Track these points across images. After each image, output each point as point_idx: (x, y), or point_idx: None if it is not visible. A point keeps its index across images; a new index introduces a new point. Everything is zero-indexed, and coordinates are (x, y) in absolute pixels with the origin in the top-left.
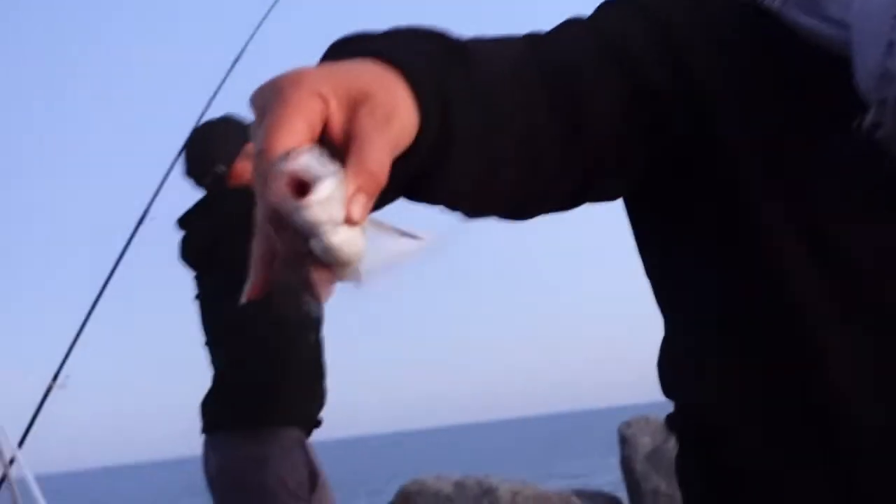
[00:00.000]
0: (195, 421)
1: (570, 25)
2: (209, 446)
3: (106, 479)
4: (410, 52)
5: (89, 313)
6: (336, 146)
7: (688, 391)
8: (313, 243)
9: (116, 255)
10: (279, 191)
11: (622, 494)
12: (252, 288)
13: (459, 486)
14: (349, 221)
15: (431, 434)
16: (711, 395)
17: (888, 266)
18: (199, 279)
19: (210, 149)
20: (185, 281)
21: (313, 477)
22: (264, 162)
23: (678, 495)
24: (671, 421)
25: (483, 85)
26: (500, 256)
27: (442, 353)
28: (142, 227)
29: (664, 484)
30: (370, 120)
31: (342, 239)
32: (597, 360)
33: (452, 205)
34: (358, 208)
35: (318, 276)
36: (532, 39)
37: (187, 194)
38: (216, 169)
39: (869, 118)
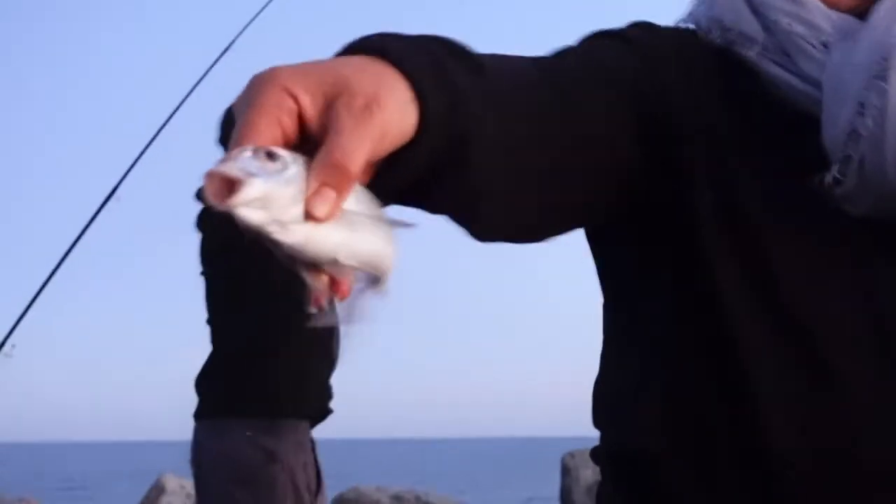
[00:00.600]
0: (181, 403)
1: (567, 52)
2: (207, 432)
3: (52, 453)
4: (412, 49)
5: (44, 284)
6: (318, 142)
7: (622, 425)
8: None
9: (78, 230)
10: (208, 193)
11: None
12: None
13: (397, 498)
14: (310, 218)
15: (383, 444)
16: (647, 430)
17: (835, 323)
18: (213, 260)
19: None
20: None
21: (318, 477)
22: None
23: None
24: (596, 453)
25: (495, 88)
26: (465, 275)
27: (405, 365)
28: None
29: None
30: (345, 111)
31: (300, 237)
32: (555, 385)
33: (468, 212)
34: (320, 204)
35: (306, 275)
36: (536, 59)
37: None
38: None
39: (831, 174)
